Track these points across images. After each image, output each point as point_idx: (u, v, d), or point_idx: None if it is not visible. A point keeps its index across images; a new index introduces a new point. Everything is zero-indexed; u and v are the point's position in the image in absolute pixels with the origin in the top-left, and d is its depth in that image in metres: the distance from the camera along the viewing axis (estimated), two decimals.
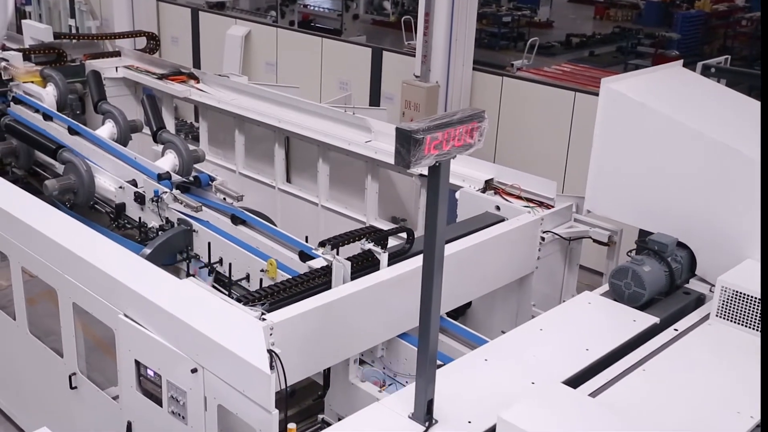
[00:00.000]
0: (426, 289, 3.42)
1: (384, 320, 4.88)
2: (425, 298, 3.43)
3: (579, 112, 9.11)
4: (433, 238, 3.30)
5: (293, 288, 4.74)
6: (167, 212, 6.50)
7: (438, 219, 3.27)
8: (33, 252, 5.14)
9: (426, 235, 3.36)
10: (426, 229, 3.35)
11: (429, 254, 3.33)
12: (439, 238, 3.31)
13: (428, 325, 3.45)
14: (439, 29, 9.54)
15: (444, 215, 3.32)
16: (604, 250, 5.97)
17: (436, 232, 3.29)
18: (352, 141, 7.43)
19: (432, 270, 3.35)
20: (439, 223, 3.29)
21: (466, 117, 3.22)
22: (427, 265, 3.37)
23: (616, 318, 4.56)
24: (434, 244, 3.30)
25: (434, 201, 3.25)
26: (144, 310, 4.35)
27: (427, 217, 3.32)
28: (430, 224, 3.30)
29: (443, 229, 3.34)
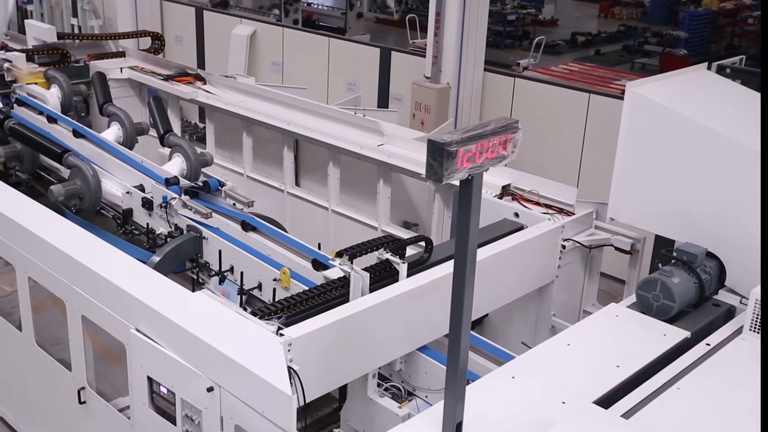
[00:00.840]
0: (456, 308, 3.26)
1: (403, 333, 4.73)
2: (455, 318, 3.28)
3: (593, 113, 8.94)
4: (464, 253, 3.14)
5: (310, 300, 4.58)
6: (176, 218, 6.33)
7: (470, 234, 3.11)
8: (40, 262, 4.98)
9: (457, 250, 3.20)
10: (457, 243, 3.19)
11: (460, 270, 3.17)
12: (471, 253, 3.15)
13: (458, 344, 3.29)
14: (450, 29, 9.36)
15: (476, 229, 3.16)
16: (621, 255, 5.83)
17: (468, 247, 3.13)
18: (364, 144, 7.27)
19: (463, 288, 3.20)
20: (471, 238, 3.13)
21: (500, 128, 3.06)
22: (458, 281, 3.21)
23: (645, 332, 4.40)
24: (466, 260, 3.14)
25: (466, 215, 3.09)
26: (156, 325, 4.20)
27: (458, 231, 3.16)
28: (462, 239, 3.14)
29: (475, 243, 3.18)
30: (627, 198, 5.20)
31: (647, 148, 5.01)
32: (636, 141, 5.06)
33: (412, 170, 6.87)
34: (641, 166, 5.07)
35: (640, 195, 5.11)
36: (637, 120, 5.02)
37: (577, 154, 9.09)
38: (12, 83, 8.67)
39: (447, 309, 4.93)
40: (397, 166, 7.03)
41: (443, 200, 6.88)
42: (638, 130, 5.04)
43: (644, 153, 5.04)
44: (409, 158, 6.96)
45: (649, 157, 5.01)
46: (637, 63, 19.12)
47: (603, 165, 8.76)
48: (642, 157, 5.05)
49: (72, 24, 15.34)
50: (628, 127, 5.06)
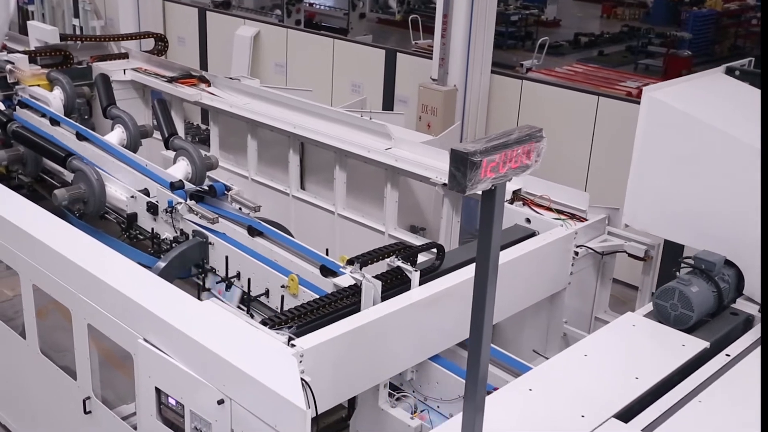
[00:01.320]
0: (477, 320, 3.17)
1: (416, 342, 4.64)
2: (475, 332, 3.18)
3: (602, 117, 8.85)
4: (486, 265, 3.05)
5: (320, 309, 4.49)
6: (181, 223, 6.25)
7: (492, 246, 3.02)
8: (45, 269, 4.88)
9: (478, 263, 3.10)
10: (478, 255, 3.10)
11: (481, 282, 3.08)
12: (492, 265, 3.06)
13: (478, 358, 3.20)
14: (457, 31, 9.26)
15: (498, 241, 3.07)
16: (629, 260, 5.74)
17: (490, 260, 3.04)
18: (372, 148, 7.17)
19: (484, 300, 3.10)
20: (493, 251, 3.04)
21: (524, 136, 2.97)
22: (479, 293, 3.11)
23: (663, 342, 4.31)
24: (487, 273, 3.05)
25: (488, 227, 3.00)
26: (165, 335, 4.10)
27: (480, 244, 3.06)
28: (483, 251, 3.04)
29: (497, 256, 3.09)
30: (643, 204, 5.11)
31: (664, 154, 4.92)
32: (653, 146, 4.97)
33: (421, 174, 6.78)
34: (658, 173, 4.98)
35: (657, 202, 5.02)
36: (654, 125, 4.93)
37: (585, 157, 9.00)
38: (14, 85, 8.57)
39: (459, 317, 4.88)
40: (406, 170, 6.94)
41: (452, 204, 6.79)
42: (655, 136, 4.95)
43: (661, 159, 4.95)
44: (418, 162, 6.87)
45: (666, 162, 4.92)
46: (641, 64, 19.03)
47: (612, 169, 8.71)
48: (659, 162, 4.96)
49: (73, 24, 15.25)
50: (645, 132, 4.97)
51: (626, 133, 8.60)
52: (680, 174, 4.88)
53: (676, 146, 4.88)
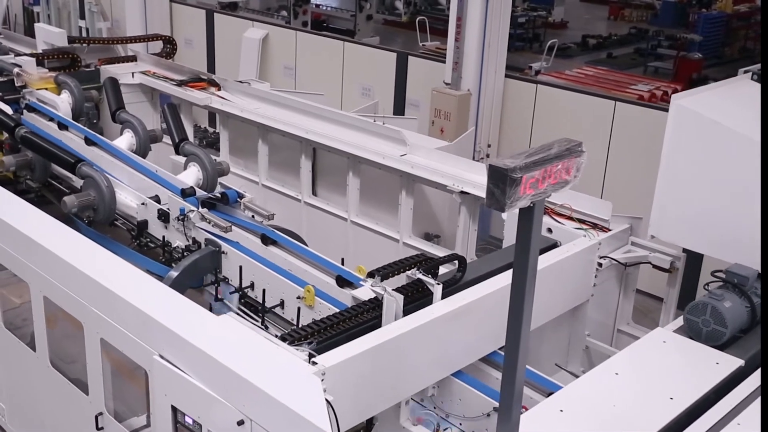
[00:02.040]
0: (512, 341, 3.03)
1: (438, 358, 4.51)
2: (511, 355, 3.03)
3: (619, 122, 8.69)
4: (522, 286, 2.91)
5: (341, 324, 4.36)
6: (193, 231, 6.11)
7: (529, 266, 2.88)
8: (56, 281, 4.75)
9: (515, 284, 2.97)
10: (515, 276, 2.96)
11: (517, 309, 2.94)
12: (530, 286, 2.92)
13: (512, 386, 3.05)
14: (471, 34, 9.10)
15: (535, 261, 2.93)
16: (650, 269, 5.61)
17: (527, 281, 2.90)
18: (387, 154, 7.04)
19: (521, 321, 2.97)
20: (530, 270, 2.90)
21: (564, 151, 2.84)
22: (515, 314, 2.97)
23: (696, 360, 4.17)
24: (524, 297, 2.91)
25: (526, 246, 2.86)
26: (181, 352, 3.97)
27: (517, 262, 2.93)
28: (520, 270, 2.91)
29: (533, 276, 2.95)
30: (670, 215, 4.97)
31: (693, 164, 4.78)
32: (681, 156, 4.83)
33: (438, 182, 6.65)
34: (686, 183, 4.83)
35: (685, 213, 4.88)
36: (682, 134, 4.79)
37: (601, 164, 8.84)
38: (22, 88, 8.44)
39: (483, 331, 4.76)
40: (422, 177, 6.80)
41: (469, 213, 6.65)
42: (683, 145, 4.81)
43: (689, 168, 4.81)
44: (434, 169, 6.74)
45: (695, 172, 4.78)
46: (650, 66, 18.86)
47: (629, 176, 8.56)
48: (687, 172, 4.82)
49: (79, 26, 15.12)
50: (673, 141, 4.83)
51: (644, 139, 8.51)
52: (710, 184, 4.74)
53: (705, 155, 4.74)
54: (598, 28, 24.59)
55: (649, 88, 14.13)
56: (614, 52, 20.75)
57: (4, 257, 5.24)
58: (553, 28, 22.82)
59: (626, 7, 26.60)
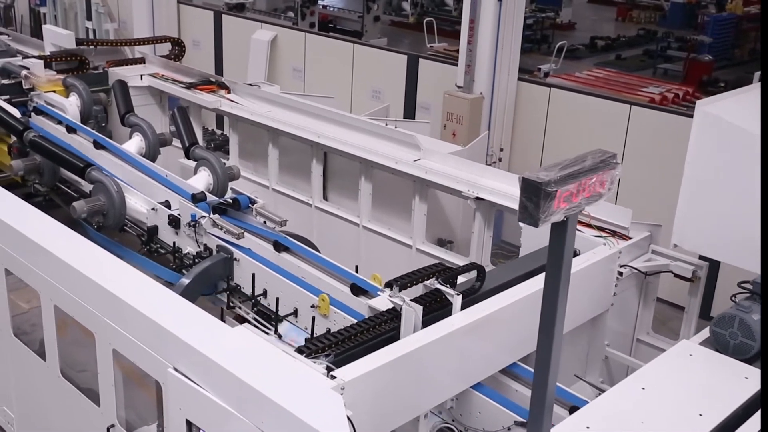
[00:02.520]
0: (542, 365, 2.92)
1: (458, 370, 4.41)
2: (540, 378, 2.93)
3: (634, 126, 8.57)
4: (554, 303, 2.81)
5: (358, 336, 4.26)
6: (205, 237, 6.01)
7: (561, 282, 2.78)
8: (68, 290, 4.65)
9: (546, 300, 2.86)
10: (546, 292, 2.86)
11: (548, 324, 2.84)
12: (561, 302, 2.82)
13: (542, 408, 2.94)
14: (484, 37, 8.98)
15: (568, 277, 2.82)
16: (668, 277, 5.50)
17: (558, 297, 2.80)
18: (400, 159, 6.94)
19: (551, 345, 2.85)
20: (563, 286, 2.79)
21: (598, 163, 2.73)
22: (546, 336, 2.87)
23: (724, 374, 4.05)
24: (555, 313, 2.81)
25: (558, 261, 2.76)
26: (196, 365, 3.87)
27: (549, 278, 2.83)
28: (552, 287, 2.80)
29: (565, 292, 2.85)
30: (694, 224, 4.84)
31: (718, 171, 4.66)
32: (705, 163, 4.71)
33: (452, 187, 6.55)
34: (711, 191, 4.71)
35: (710, 221, 4.75)
36: (708, 141, 4.67)
37: None
38: (29, 91, 8.36)
39: (503, 343, 4.65)
40: (436, 182, 6.70)
41: (484, 219, 6.55)
42: (708, 152, 4.69)
43: (715, 176, 4.68)
44: (448, 174, 6.65)
45: (721, 180, 4.66)
46: (659, 68, 18.72)
47: (644, 182, 8.44)
48: (712, 180, 4.70)
49: (86, 27, 15.04)
50: (697, 148, 4.71)
51: (659, 144, 8.37)
52: (736, 193, 4.62)
53: (731, 163, 4.62)
54: (606, 29, 24.45)
55: (660, 91, 14.00)
56: (623, 53, 20.62)
57: (15, 265, 5.15)
58: (561, 29, 22.69)
59: (634, 8, 26.46)
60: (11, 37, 10.28)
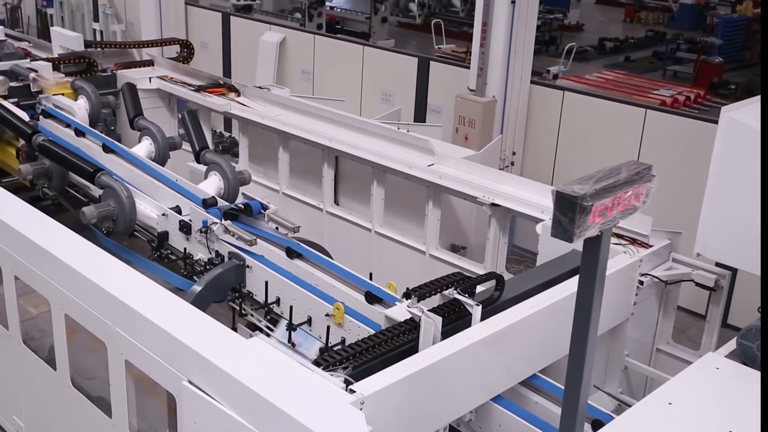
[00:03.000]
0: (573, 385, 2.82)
1: (478, 382, 4.31)
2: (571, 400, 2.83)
3: (649, 130, 8.45)
4: (587, 322, 2.71)
5: (376, 348, 4.16)
6: (216, 244, 5.92)
7: (594, 299, 2.68)
8: (79, 299, 4.57)
9: (578, 318, 2.76)
10: (578, 309, 2.76)
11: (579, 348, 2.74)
12: (593, 324, 2.72)
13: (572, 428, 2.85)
14: (497, 39, 8.88)
15: (601, 294, 2.72)
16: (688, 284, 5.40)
17: (591, 316, 2.70)
18: (414, 164, 6.85)
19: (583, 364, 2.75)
20: (595, 306, 2.69)
21: (633, 175, 2.63)
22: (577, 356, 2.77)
23: (753, 388, 3.93)
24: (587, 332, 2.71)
25: (591, 278, 2.66)
26: (211, 377, 3.77)
27: (581, 295, 2.72)
28: (585, 304, 2.70)
29: (598, 312, 2.75)
30: (718, 233, 4.73)
31: (744, 180, 4.55)
32: (731, 171, 4.60)
33: (467, 193, 6.45)
34: (737, 199, 4.60)
35: (735, 230, 4.64)
36: (733, 148, 4.56)
37: None
38: (38, 94, 8.29)
39: (523, 354, 4.55)
40: (450, 188, 6.61)
41: (499, 225, 6.45)
42: (733, 159, 4.58)
43: (740, 184, 4.57)
44: (463, 180, 6.55)
45: (747, 189, 4.54)
46: (669, 70, 18.59)
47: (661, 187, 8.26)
48: (738, 188, 4.59)
49: (93, 28, 14.97)
50: (722, 155, 4.60)
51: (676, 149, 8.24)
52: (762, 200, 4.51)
53: (757, 170, 4.51)
54: (614, 30, 24.32)
55: (672, 93, 13.89)
56: (632, 55, 20.49)
57: (25, 273, 5.07)
58: (569, 30, 22.57)
59: (642, 9, 26.32)
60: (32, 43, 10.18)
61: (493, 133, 9.09)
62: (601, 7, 28.58)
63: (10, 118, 7.49)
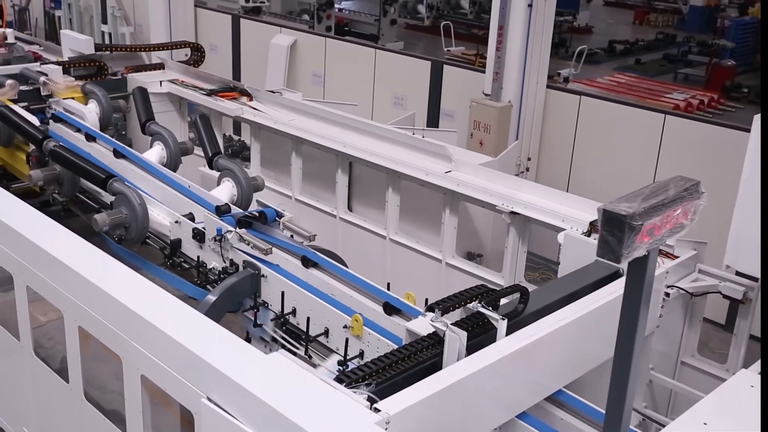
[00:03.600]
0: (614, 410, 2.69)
1: (503, 399, 4.19)
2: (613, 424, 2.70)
3: (669, 136, 8.31)
4: (630, 346, 2.59)
5: (400, 363, 4.04)
6: (231, 252, 5.81)
7: (639, 322, 2.55)
8: (93, 311, 4.46)
9: (620, 344, 2.64)
10: (621, 333, 2.64)
11: (622, 377, 2.61)
12: (638, 348, 2.60)
13: None
14: (514, 43, 8.75)
15: (646, 317, 2.60)
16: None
17: (635, 340, 2.57)
18: (430, 171, 6.73)
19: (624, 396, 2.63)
20: (639, 330, 2.57)
21: (682, 192, 2.50)
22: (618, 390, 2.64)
23: None
24: (630, 359, 2.58)
25: (635, 301, 2.54)
26: (231, 395, 3.66)
27: (624, 317, 2.60)
28: (629, 327, 2.58)
29: (642, 334, 2.62)
30: (749, 245, 4.61)
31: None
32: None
33: (486, 201, 6.34)
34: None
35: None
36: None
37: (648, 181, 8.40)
38: (48, 98, 8.18)
39: (549, 369, 4.42)
40: (468, 195, 6.49)
41: (518, 234, 6.33)
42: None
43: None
44: (480, 187, 6.43)
45: None
46: (680, 73, 18.45)
47: None
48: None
49: (102, 31, 14.89)
50: (754, 165, 4.48)
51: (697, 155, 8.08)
52: None
53: None
54: (623, 33, 24.17)
55: (685, 97, 13.77)
56: (642, 58, 20.35)
57: (37, 283, 4.96)
58: (579, 33, 22.43)
59: (651, 11, 26.16)
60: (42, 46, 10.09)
61: (508, 139, 8.96)
62: (609, 9, 28.44)
63: (21, 122, 7.38)
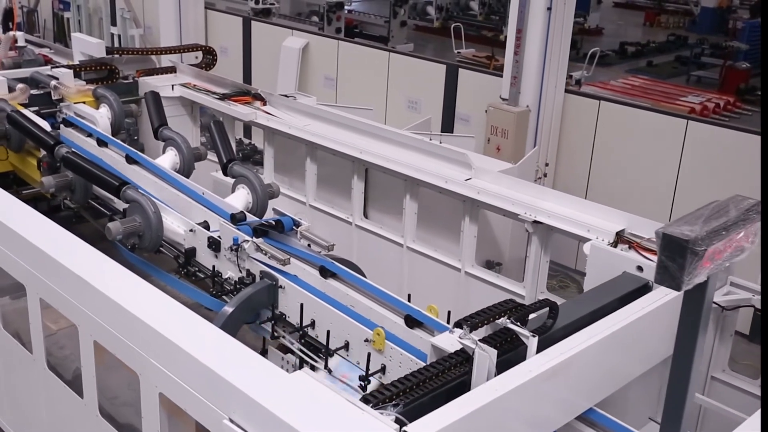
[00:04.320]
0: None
1: (534, 419, 4.04)
2: None
3: (691, 142, 8.14)
4: (687, 372, 2.43)
5: (428, 383, 3.90)
6: (247, 262, 5.67)
7: (696, 350, 2.40)
8: (109, 326, 4.33)
9: (675, 370, 2.49)
10: (676, 358, 2.49)
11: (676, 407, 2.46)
12: (695, 374, 2.45)
13: None
14: (532, 47, 8.60)
15: (703, 344, 2.45)
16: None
17: (692, 365, 2.42)
18: (449, 178, 6.58)
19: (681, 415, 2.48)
20: (697, 356, 2.42)
21: (744, 213, 2.35)
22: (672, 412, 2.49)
23: None
24: (687, 387, 2.43)
25: (693, 327, 2.39)
26: (255, 416, 3.52)
27: (679, 344, 2.45)
28: (685, 351, 2.43)
29: (700, 359, 2.47)
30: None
31: None
32: None
33: (507, 209, 6.18)
34: None
35: None
36: None
37: (669, 188, 8.27)
38: (59, 102, 8.06)
39: (579, 387, 4.27)
40: (488, 203, 6.34)
41: (541, 243, 6.17)
42: None
43: None
44: (501, 195, 6.28)
45: None
46: (693, 75, 18.28)
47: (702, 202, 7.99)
48: None
49: (111, 33, 14.77)
50: None
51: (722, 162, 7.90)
52: None
53: None
54: (634, 34, 24.02)
55: (701, 100, 13.60)
56: (654, 60, 20.19)
57: (51, 295, 4.83)
58: (589, 34, 22.29)
59: (662, 13, 26.00)
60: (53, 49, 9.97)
61: (526, 144, 8.81)
62: (619, 10, 28.29)
63: (32, 128, 7.26)
